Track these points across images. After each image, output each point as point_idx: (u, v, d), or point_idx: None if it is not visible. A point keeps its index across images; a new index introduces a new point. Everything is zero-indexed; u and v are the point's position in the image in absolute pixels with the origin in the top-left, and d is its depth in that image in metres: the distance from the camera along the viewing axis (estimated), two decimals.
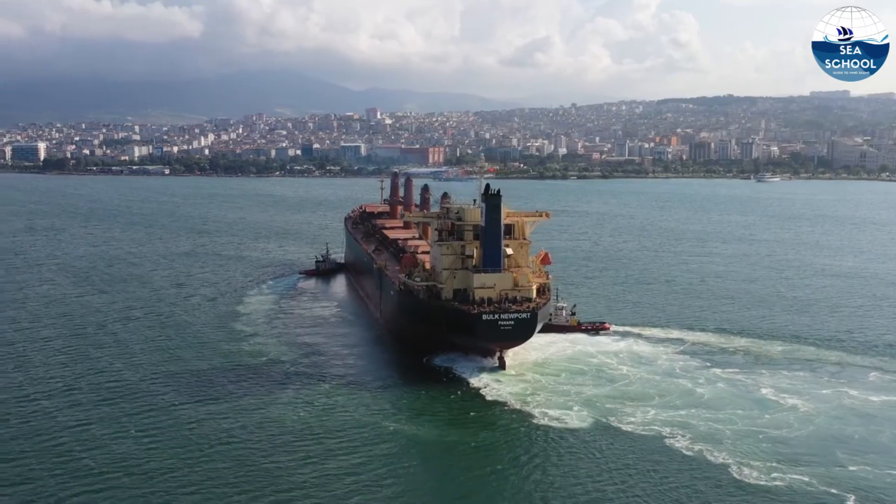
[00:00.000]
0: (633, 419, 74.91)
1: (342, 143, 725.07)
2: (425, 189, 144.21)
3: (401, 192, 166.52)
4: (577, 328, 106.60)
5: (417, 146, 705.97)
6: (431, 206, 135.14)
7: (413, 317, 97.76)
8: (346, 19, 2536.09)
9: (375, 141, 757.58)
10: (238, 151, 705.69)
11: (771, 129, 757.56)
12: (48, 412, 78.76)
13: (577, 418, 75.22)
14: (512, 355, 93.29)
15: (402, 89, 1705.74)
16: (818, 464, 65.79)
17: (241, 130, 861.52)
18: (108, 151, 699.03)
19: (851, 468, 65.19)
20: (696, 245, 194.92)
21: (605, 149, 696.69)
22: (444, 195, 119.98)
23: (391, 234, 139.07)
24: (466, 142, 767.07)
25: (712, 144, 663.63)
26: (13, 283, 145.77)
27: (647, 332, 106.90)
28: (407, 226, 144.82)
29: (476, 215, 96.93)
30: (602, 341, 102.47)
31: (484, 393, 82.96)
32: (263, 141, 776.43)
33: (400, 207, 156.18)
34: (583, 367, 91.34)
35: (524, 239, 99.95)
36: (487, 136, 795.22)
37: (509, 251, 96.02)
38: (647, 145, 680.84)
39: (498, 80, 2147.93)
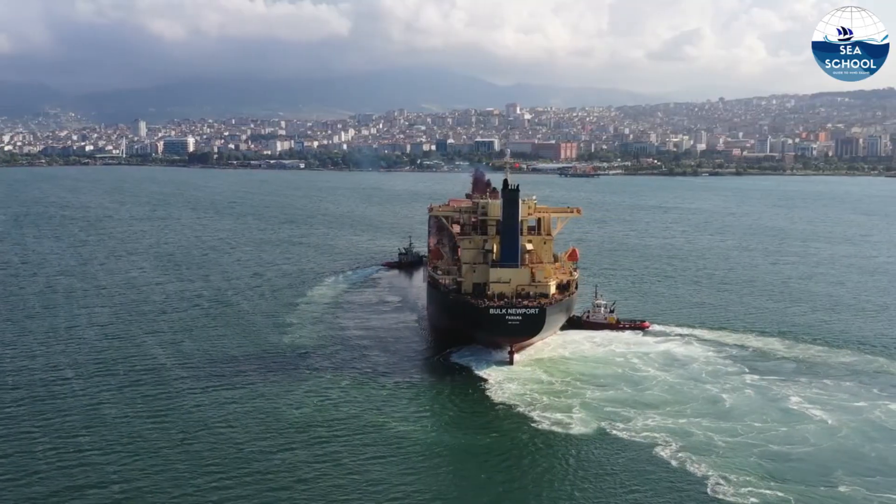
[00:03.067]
0: (633, 426, 71.31)
1: (477, 139, 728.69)
2: (487, 184, 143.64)
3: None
4: (614, 326, 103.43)
5: (553, 141, 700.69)
6: None
7: (439, 310, 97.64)
8: (491, 14, 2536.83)
9: (512, 136, 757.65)
10: (375, 146, 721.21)
11: None
12: (70, 385, 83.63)
13: (578, 423, 72.07)
14: (535, 352, 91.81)
15: (547, 84, 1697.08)
16: (806, 482, 60.54)
17: (381, 126, 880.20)
18: (253, 146, 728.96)
19: (841, 489, 59.69)
20: (797, 245, 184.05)
21: (748, 145, 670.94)
22: (493, 190, 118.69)
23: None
24: (604, 137, 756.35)
25: (861, 140, 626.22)
26: (105, 269, 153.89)
27: (694, 332, 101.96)
28: None
29: (499, 210, 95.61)
30: (639, 341, 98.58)
31: (490, 393, 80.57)
32: (402, 136, 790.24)
33: None
34: (605, 368, 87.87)
35: (548, 235, 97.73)
36: (627, 131, 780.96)
37: (529, 246, 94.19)
38: (790, 141, 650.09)
39: (645, 75, 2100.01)
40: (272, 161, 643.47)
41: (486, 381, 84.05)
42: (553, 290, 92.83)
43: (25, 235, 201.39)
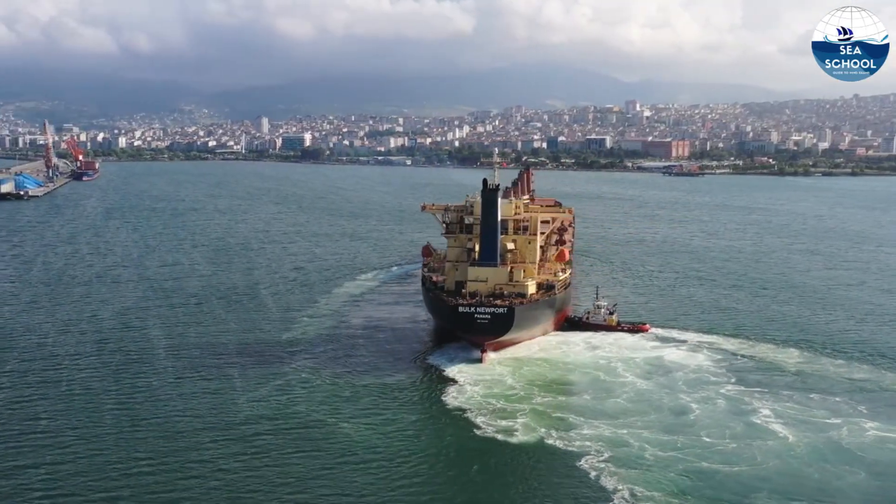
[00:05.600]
0: (572, 434, 69.17)
1: (589, 136, 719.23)
2: (518, 183, 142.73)
3: None
4: (614, 328, 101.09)
5: (670, 139, 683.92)
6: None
7: (428, 308, 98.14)
8: (616, 9, 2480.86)
9: (628, 134, 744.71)
10: (486, 143, 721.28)
11: None
12: (58, 365, 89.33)
13: (520, 431, 70.22)
14: (515, 352, 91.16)
15: (675, 80, 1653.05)
16: (716, 501, 58.03)
17: (497, 122, 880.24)
18: (367, 142, 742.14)
19: None
20: (867, 250, 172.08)
21: (875, 144, 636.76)
22: (506, 189, 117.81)
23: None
24: (723, 135, 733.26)
25: None
26: (160, 259, 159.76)
27: (697, 338, 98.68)
28: None
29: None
30: (634, 344, 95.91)
31: (447, 397, 78.88)
32: (517, 133, 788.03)
33: None
34: (580, 373, 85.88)
35: (533, 234, 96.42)
36: (748, 129, 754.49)
37: (511, 246, 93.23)
38: None
39: (780, 70, 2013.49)
40: (380, 158, 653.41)
41: (451, 383, 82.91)
42: (532, 290, 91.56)
43: (107, 227, 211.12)
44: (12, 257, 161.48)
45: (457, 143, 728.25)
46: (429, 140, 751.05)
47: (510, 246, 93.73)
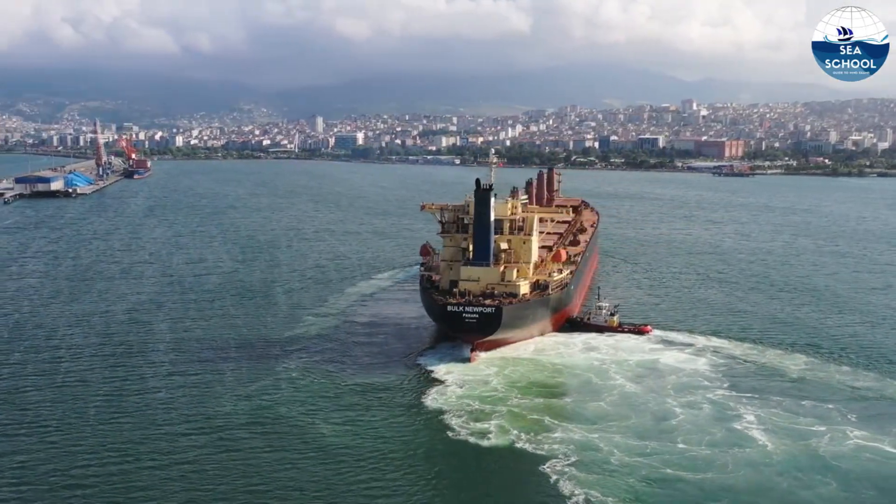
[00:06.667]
0: (544, 438, 68.22)
1: (641, 136, 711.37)
2: (533, 183, 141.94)
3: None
4: (615, 329, 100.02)
5: (724, 139, 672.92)
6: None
7: (424, 306, 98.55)
8: (675, 7, 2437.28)
9: (683, 133, 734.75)
10: (538, 143, 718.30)
11: None
12: (57, 357, 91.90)
13: (495, 434, 69.30)
14: (508, 352, 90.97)
15: (736, 79, 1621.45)
16: None
17: (551, 122, 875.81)
18: (420, 141, 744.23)
19: None
20: None
21: None
22: (514, 190, 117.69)
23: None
24: (781, 134, 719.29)
25: None
26: (187, 256, 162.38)
27: (699, 340, 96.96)
28: None
29: None
30: (632, 346, 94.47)
31: (427, 398, 78.08)
32: (571, 132, 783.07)
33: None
34: (569, 374, 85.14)
35: (528, 234, 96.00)
36: (807, 128, 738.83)
37: (504, 245, 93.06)
38: None
39: None
40: (429, 157, 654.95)
41: (436, 383, 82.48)
42: (525, 289, 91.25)
43: (145, 224, 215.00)
44: (45, 253, 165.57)
45: (508, 143, 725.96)
46: (480, 139, 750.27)
47: (504, 246, 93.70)
